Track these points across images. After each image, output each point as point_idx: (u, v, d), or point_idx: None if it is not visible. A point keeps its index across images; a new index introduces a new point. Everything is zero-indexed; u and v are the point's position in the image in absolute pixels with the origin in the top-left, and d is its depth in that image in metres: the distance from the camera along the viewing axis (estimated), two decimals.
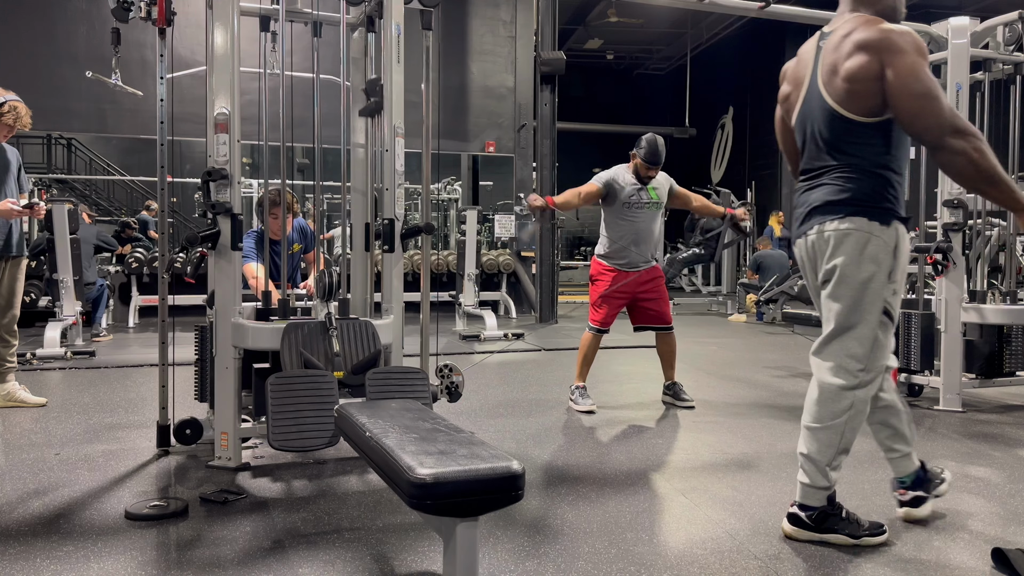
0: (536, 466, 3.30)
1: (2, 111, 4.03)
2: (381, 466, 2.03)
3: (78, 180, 14.35)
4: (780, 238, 11.95)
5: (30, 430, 3.85)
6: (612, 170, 4.51)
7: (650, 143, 4.38)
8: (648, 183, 4.45)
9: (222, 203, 3.14)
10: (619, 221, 4.45)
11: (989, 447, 3.69)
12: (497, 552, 2.37)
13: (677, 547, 2.44)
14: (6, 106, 4.05)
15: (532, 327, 8.72)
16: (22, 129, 4.18)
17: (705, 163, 18.79)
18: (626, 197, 4.42)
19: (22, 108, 4.13)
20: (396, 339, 3.49)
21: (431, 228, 3.63)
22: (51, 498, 2.83)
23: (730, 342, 7.84)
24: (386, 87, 3.45)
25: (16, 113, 4.08)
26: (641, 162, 4.39)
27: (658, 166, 4.42)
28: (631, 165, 4.47)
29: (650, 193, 4.46)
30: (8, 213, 4.11)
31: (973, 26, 4.59)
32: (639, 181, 4.44)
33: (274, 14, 3.59)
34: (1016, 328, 4.73)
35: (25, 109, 4.15)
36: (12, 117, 4.06)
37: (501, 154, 11.84)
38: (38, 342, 6.23)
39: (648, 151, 4.36)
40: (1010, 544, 2.37)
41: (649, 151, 4.36)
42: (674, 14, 15.94)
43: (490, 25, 11.77)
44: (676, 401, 4.57)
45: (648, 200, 4.46)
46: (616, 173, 4.48)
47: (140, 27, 3.63)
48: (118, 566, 2.24)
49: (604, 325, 4.48)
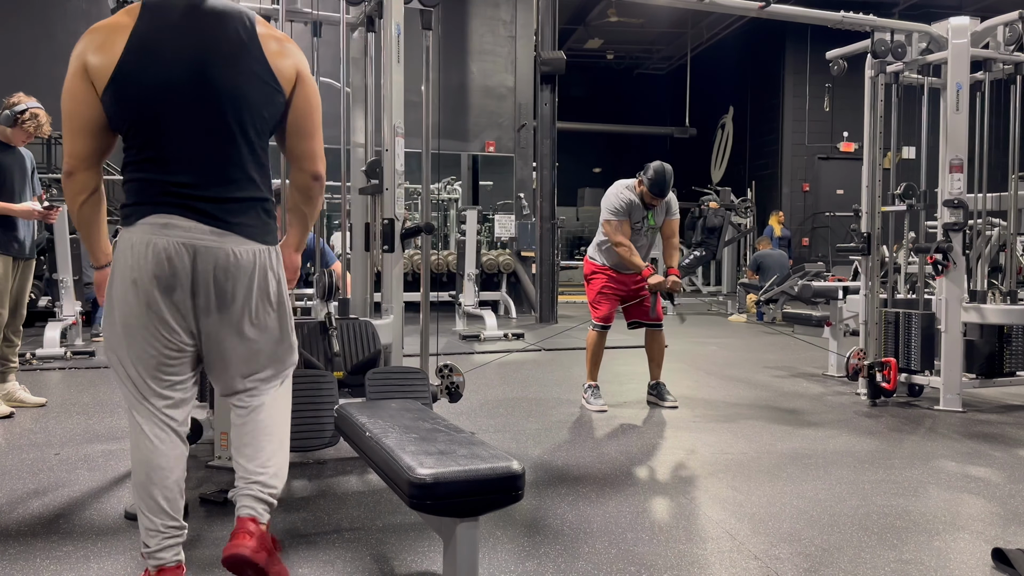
0: (536, 466, 3.30)
1: (23, 118, 4.07)
2: (381, 466, 2.03)
3: None
4: (780, 238, 11.95)
5: (30, 430, 3.85)
6: (622, 197, 4.42)
7: (658, 173, 4.31)
8: (651, 210, 4.46)
9: None
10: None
11: (989, 447, 3.69)
12: (497, 552, 2.37)
13: (677, 547, 2.44)
14: (27, 113, 4.08)
15: (532, 327, 8.71)
16: (41, 136, 4.20)
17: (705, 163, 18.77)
18: (632, 222, 4.45)
19: (43, 115, 4.16)
20: (396, 339, 3.49)
21: (431, 228, 3.63)
22: (51, 498, 2.83)
23: (730, 342, 7.84)
24: (386, 87, 3.45)
25: (37, 121, 4.11)
26: (646, 191, 4.36)
27: (663, 198, 4.39)
28: (636, 188, 4.44)
29: (649, 219, 4.50)
30: (30, 215, 4.16)
31: (973, 26, 4.59)
32: (643, 206, 4.44)
33: (274, 14, 3.58)
34: (1016, 328, 4.73)
35: (46, 116, 4.17)
36: (33, 125, 4.09)
37: (501, 154, 11.83)
38: (38, 342, 6.23)
39: (654, 183, 4.31)
40: (1010, 544, 2.37)
41: (655, 183, 4.31)
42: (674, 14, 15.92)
43: (490, 25, 11.77)
44: (660, 401, 4.57)
45: (647, 226, 4.51)
46: (627, 201, 4.42)
47: None
48: (118, 566, 2.24)
49: (607, 321, 4.49)
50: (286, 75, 1.98)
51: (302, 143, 2.06)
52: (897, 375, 4.53)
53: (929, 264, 4.59)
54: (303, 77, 2.02)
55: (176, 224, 1.89)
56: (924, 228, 4.97)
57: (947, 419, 4.28)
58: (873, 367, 4.55)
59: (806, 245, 15.10)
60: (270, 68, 1.95)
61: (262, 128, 1.99)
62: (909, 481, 3.13)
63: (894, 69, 4.77)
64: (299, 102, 2.02)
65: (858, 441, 3.79)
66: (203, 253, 1.90)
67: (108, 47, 1.84)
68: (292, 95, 2.00)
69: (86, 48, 1.86)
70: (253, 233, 1.97)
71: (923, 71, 4.85)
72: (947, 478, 3.18)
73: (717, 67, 18.12)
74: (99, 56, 1.84)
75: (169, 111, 1.88)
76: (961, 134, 4.56)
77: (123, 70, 1.83)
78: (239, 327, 1.96)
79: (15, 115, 4.04)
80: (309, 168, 2.08)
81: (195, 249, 1.89)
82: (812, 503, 2.85)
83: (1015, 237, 4.96)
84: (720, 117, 18.37)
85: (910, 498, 2.91)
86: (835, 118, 14.58)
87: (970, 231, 4.58)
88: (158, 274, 1.87)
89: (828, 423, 4.18)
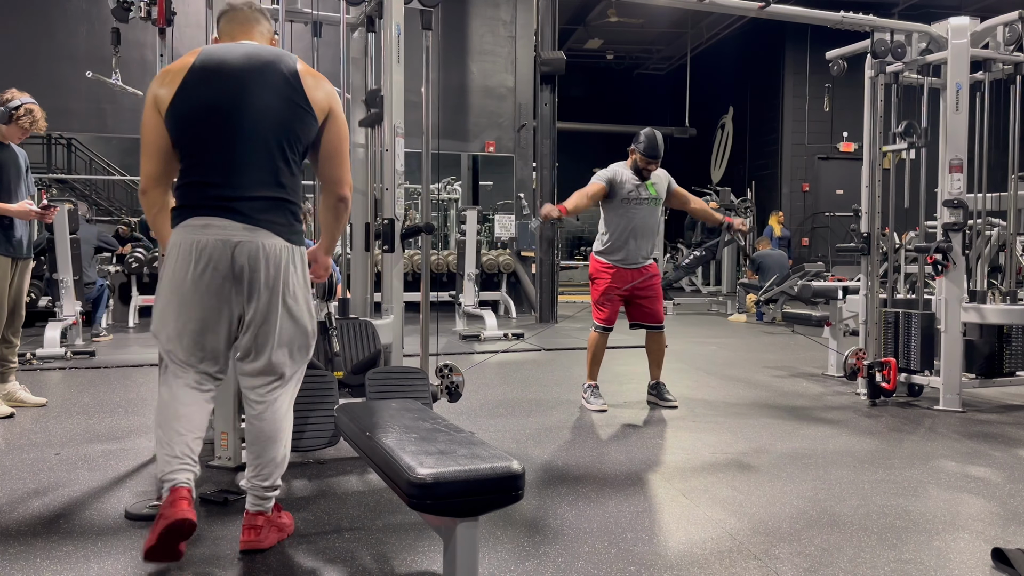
0: (536, 466, 3.30)
1: (18, 114, 4.04)
2: (381, 466, 2.04)
3: (78, 180, 14.34)
4: (780, 238, 11.94)
5: (30, 430, 3.85)
6: (611, 168, 4.52)
7: (649, 137, 4.39)
8: (647, 178, 4.46)
9: None
10: (618, 217, 4.47)
11: (989, 447, 3.69)
12: (497, 552, 2.37)
13: (677, 547, 2.44)
14: (22, 109, 4.06)
15: (532, 327, 8.71)
16: (37, 132, 4.18)
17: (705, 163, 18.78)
18: (625, 193, 4.43)
19: (38, 111, 4.14)
20: (396, 339, 3.49)
21: (431, 228, 3.63)
22: (51, 498, 2.83)
23: (730, 342, 7.84)
24: (386, 87, 3.45)
25: (32, 116, 4.10)
26: (640, 156, 4.40)
27: (657, 160, 4.42)
28: (630, 161, 4.49)
29: (649, 188, 4.48)
30: (27, 214, 4.14)
31: (973, 26, 4.59)
32: (638, 176, 4.45)
33: (274, 14, 3.59)
34: (1016, 328, 4.73)
35: (41, 112, 4.16)
36: (28, 120, 4.07)
37: (501, 154, 11.83)
38: (38, 342, 6.24)
39: (647, 145, 4.38)
40: (1010, 544, 2.37)
41: (648, 145, 4.38)
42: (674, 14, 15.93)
43: (490, 25, 11.77)
44: (660, 401, 4.58)
45: (647, 196, 4.47)
46: (615, 170, 4.49)
47: (140, 27, 3.63)
48: (118, 566, 2.24)
49: (609, 323, 4.49)
50: (320, 104, 2.32)
51: (331, 169, 2.40)
52: (897, 375, 4.53)
53: (929, 264, 4.59)
54: (335, 112, 2.37)
55: (213, 224, 2.20)
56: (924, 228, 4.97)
57: (947, 419, 4.28)
58: (873, 367, 4.56)
59: (806, 245, 15.11)
60: (305, 95, 2.29)
61: (293, 141, 2.29)
62: (909, 481, 3.13)
63: (894, 69, 4.77)
64: (330, 133, 2.37)
65: (858, 441, 3.79)
66: (239, 246, 2.20)
67: (172, 80, 2.23)
68: (325, 124, 2.35)
69: (157, 83, 2.26)
70: (280, 231, 2.26)
71: (923, 71, 4.85)
72: (947, 478, 3.19)
73: (717, 67, 18.13)
74: (164, 88, 2.23)
75: (211, 126, 2.24)
76: (961, 134, 4.56)
77: (180, 95, 2.21)
78: (269, 313, 2.25)
79: (10, 111, 4.02)
80: (336, 191, 2.43)
81: (232, 244, 2.19)
82: (812, 503, 2.85)
83: (1015, 237, 4.96)
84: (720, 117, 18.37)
85: (910, 498, 2.91)
86: (835, 118, 14.58)
87: (970, 231, 4.58)
88: (201, 268, 2.19)
89: (828, 423, 4.18)
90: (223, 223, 2.20)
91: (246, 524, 2.34)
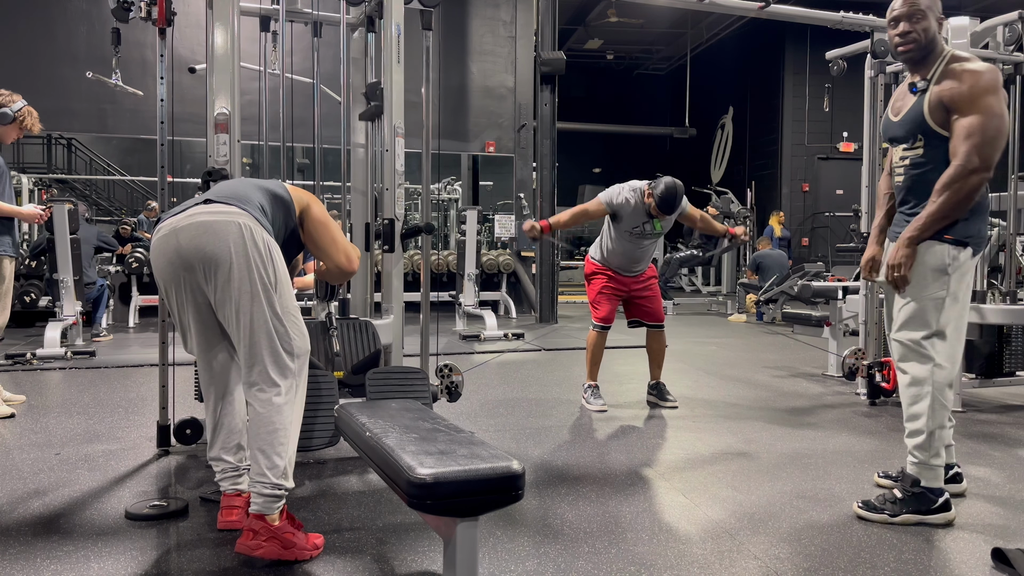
0: (536, 466, 3.30)
1: (20, 115, 4.11)
2: (381, 466, 2.03)
3: (78, 180, 14.34)
4: (780, 238, 11.95)
5: (30, 430, 3.85)
6: (623, 194, 4.34)
7: (668, 190, 4.21)
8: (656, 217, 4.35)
9: None
10: (620, 241, 4.42)
11: (989, 447, 3.69)
12: (497, 552, 2.37)
13: (677, 547, 2.44)
14: (24, 111, 4.11)
15: (532, 327, 8.71)
16: (29, 131, 4.21)
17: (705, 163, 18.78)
18: (630, 227, 4.35)
19: (33, 112, 4.20)
20: (396, 339, 3.49)
21: (431, 228, 3.63)
22: (51, 498, 2.83)
23: (730, 342, 7.84)
24: (386, 87, 3.45)
25: (33, 118, 4.16)
26: (655, 207, 4.26)
27: (670, 216, 4.32)
28: (645, 197, 4.32)
29: (655, 225, 4.38)
30: (35, 217, 4.22)
31: (973, 26, 4.59)
32: (647, 214, 4.35)
33: (274, 14, 3.59)
34: (1016, 328, 4.73)
35: (34, 113, 4.21)
36: (30, 122, 4.12)
37: (501, 154, 11.84)
38: (38, 342, 6.23)
39: (662, 200, 4.21)
40: (1010, 544, 2.37)
41: (663, 200, 4.21)
42: (674, 14, 15.94)
43: (490, 25, 11.77)
44: (660, 401, 4.57)
45: (651, 231, 4.40)
46: (626, 199, 4.32)
47: (140, 27, 3.63)
48: (118, 566, 2.24)
49: (607, 321, 4.48)
50: (300, 200, 2.58)
51: (320, 252, 2.66)
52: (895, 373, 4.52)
53: None
54: (310, 210, 2.59)
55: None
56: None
57: None
58: (873, 367, 4.55)
59: (806, 245, 15.12)
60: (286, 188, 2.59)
61: (274, 203, 2.47)
62: None
63: (894, 69, 4.77)
64: (309, 227, 2.58)
65: (858, 441, 3.79)
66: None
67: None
68: (303, 217, 2.56)
69: None
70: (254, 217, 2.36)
71: None
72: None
73: (717, 67, 18.14)
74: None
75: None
76: None
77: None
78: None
79: (13, 113, 4.06)
80: (329, 265, 2.69)
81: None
82: (812, 503, 2.85)
83: (1015, 237, 4.96)
84: (720, 117, 18.38)
85: None
86: (835, 118, 14.59)
87: None
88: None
89: (828, 423, 4.18)
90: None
91: (224, 504, 2.48)
